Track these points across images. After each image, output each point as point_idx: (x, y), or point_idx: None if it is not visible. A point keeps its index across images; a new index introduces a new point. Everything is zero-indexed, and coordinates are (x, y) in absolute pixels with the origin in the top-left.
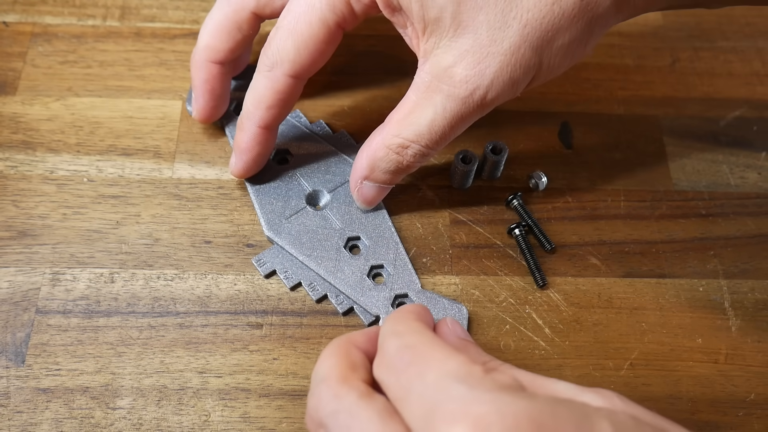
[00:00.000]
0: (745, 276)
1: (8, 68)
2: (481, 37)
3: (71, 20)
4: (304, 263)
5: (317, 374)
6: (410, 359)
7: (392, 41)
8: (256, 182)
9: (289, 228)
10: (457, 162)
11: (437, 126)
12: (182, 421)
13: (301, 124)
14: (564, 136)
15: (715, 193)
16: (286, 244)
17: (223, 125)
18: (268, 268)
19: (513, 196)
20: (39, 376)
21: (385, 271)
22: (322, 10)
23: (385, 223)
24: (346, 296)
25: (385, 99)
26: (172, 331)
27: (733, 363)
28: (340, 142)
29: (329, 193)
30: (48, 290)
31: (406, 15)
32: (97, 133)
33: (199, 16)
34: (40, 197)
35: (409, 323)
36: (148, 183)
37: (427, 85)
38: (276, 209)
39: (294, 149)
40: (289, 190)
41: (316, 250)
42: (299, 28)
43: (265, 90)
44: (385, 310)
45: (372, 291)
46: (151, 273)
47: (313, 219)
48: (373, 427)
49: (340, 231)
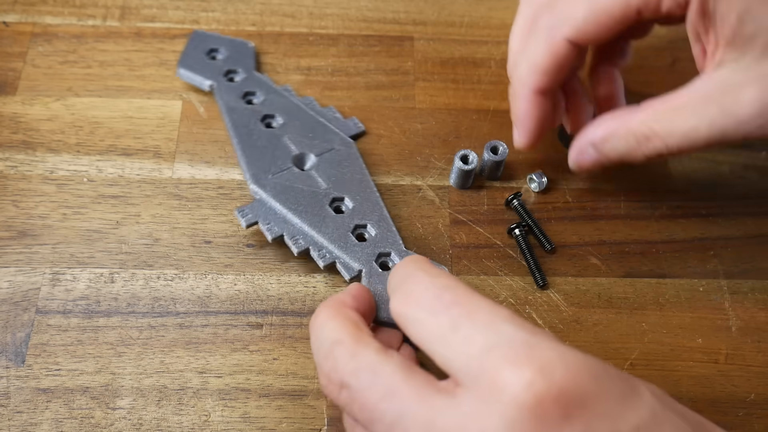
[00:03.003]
0: (745, 276)
1: (8, 68)
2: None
3: (71, 20)
4: (287, 217)
5: (325, 338)
6: (452, 299)
7: (393, 41)
8: (243, 139)
9: (274, 183)
10: (457, 162)
11: (695, 135)
12: (182, 421)
13: (290, 96)
14: (564, 136)
15: (715, 193)
16: (270, 197)
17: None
18: (250, 219)
19: (513, 196)
20: (39, 376)
21: (368, 232)
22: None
23: (370, 188)
24: (329, 251)
25: (385, 99)
26: (172, 331)
27: (733, 363)
28: (328, 115)
29: (316, 157)
30: (48, 290)
31: (712, 22)
32: (97, 133)
33: (199, 16)
34: (40, 197)
35: (433, 267)
36: (148, 183)
37: (707, 93)
38: (262, 165)
39: (282, 116)
40: (275, 150)
41: (300, 205)
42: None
43: (542, 53)
44: (369, 266)
45: (355, 247)
46: (151, 273)
47: (299, 177)
48: (397, 379)
49: (326, 191)
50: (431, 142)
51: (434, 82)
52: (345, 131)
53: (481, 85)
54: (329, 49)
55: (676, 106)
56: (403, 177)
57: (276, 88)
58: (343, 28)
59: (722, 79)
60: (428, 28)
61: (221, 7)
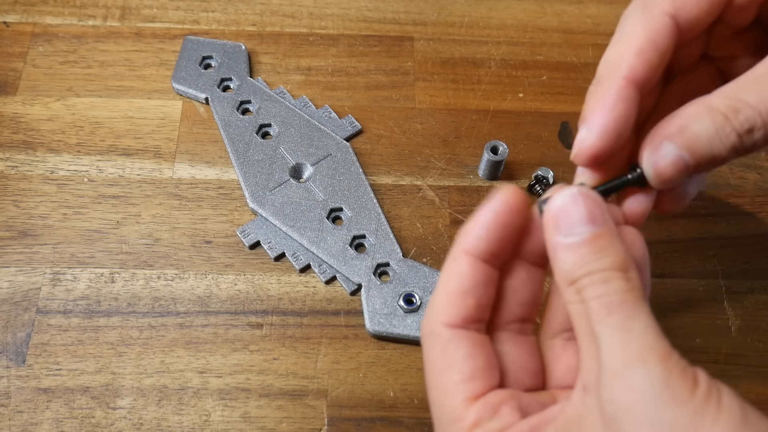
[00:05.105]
0: (745, 276)
1: (9, 68)
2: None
3: (72, 20)
4: (287, 234)
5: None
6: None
7: (393, 41)
8: (241, 155)
9: (272, 200)
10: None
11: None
12: (182, 420)
13: (284, 99)
14: (564, 136)
15: (715, 193)
16: (269, 215)
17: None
18: (252, 239)
19: (536, 182)
20: (39, 376)
21: (367, 241)
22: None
23: (367, 194)
24: (329, 265)
25: (385, 99)
26: (173, 331)
27: (733, 363)
28: (323, 117)
29: (312, 166)
30: (48, 290)
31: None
32: (97, 133)
33: (199, 16)
34: (41, 197)
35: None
36: (148, 183)
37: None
38: (260, 181)
39: (277, 124)
40: (272, 163)
41: (299, 221)
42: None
43: (636, 30)
44: (367, 278)
45: (354, 260)
46: (151, 273)
47: (297, 191)
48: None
49: (323, 202)
50: (431, 142)
51: (434, 82)
52: (340, 132)
53: (481, 85)
54: (329, 49)
55: (759, 75)
56: (403, 177)
57: (270, 93)
58: (343, 28)
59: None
60: (428, 28)
61: (221, 7)
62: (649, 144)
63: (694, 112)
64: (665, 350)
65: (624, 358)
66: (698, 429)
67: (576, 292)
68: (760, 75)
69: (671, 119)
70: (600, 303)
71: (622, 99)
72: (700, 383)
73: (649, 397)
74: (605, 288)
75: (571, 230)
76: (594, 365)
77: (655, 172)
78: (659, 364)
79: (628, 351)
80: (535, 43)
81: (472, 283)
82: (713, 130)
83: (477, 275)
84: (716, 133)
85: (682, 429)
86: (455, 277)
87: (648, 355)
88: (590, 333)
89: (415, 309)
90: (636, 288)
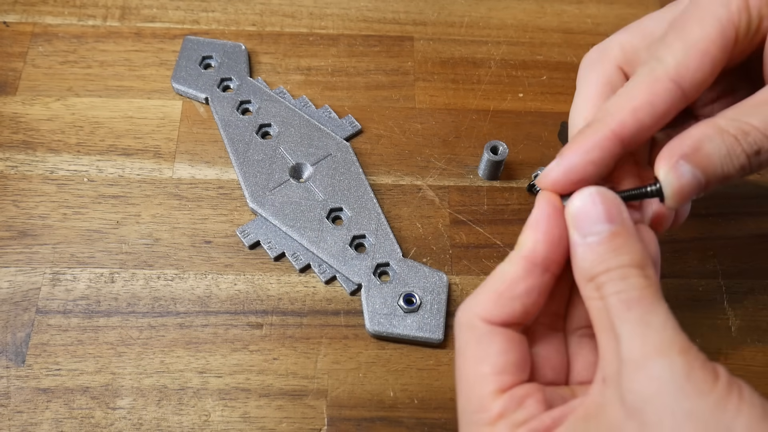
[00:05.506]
0: (745, 276)
1: (9, 68)
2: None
3: (71, 20)
4: (287, 234)
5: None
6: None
7: (393, 41)
8: (241, 155)
9: (272, 200)
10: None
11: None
12: (182, 421)
13: (284, 99)
14: (564, 136)
15: (715, 193)
16: (269, 215)
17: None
18: (252, 239)
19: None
20: (39, 376)
21: (367, 241)
22: (716, 8)
23: (367, 194)
24: (329, 265)
25: (385, 99)
26: (173, 331)
27: (733, 363)
28: (323, 117)
29: (312, 166)
30: (48, 290)
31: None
32: (97, 133)
33: (199, 16)
34: (41, 197)
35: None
36: (148, 183)
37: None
38: (260, 181)
39: (277, 124)
40: (272, 163)
41: (299, 221)
42: (689, 26)
43: (637, 88)
44: (367, 278)
45: (354, 260)
46: (151, 273)
47: (296, 191)
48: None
49: (323, 202)
50: (431, 142)
51: (434, 82)
52: (340, 131)
53: (481, 85)
54: (329, 49)
55: (763, 100)
56: (403, 177)
57: (270, 93)
58: (343, 28)
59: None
60: (428, 28)
61: (221, 7)
62: (665, 162)
63: (705, 132)
64: (685, 344)
65: (644, 351)
66: (720, 419)
67: (595, 289)
68: (764, 101)
69: (684, 138)
70: (619, 299)
71: (600, 148)
72: (721, 376)
73: (671, 388)
74: (623, 284)
75: (590, 229)
76: (614, 358)
77: (674, 191)
78: (680, 356)
79: (647, 344)
80: (535, 43)
81: (525, 289)
82: (725, 151)
83: (531, 282)
84: (727, 154)
85: (704, 419)
86: (509, 279)
87: (668, 348)
88: (610, 328)
89: (414, 309)
90: (654, 284)
